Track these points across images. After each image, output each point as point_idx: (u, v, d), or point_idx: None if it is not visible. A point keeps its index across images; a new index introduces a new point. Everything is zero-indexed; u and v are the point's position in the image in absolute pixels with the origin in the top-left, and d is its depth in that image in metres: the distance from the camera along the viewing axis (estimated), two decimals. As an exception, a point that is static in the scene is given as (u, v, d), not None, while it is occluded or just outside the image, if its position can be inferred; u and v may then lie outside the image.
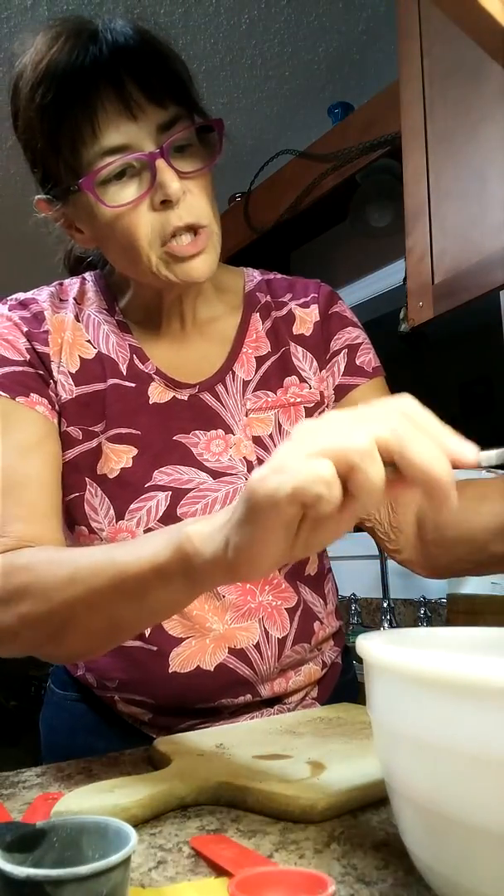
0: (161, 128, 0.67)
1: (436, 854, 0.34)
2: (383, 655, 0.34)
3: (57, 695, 0.85)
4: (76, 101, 0.65)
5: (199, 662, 0.74)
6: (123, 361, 0.78)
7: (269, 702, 0.78)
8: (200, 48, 2.10)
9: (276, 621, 0.77)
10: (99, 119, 0.65)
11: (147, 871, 0.41)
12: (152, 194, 0.67)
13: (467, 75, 1.13)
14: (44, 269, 0.88)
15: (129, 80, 0.65)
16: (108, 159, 0.66)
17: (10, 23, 2.01)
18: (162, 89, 0.67)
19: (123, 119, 0.65)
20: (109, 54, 0.65)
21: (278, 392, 0.80)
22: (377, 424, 0.40)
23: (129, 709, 0.78)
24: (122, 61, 0.65)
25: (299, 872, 0.36)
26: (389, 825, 0.47)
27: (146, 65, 0.66)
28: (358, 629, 2.12)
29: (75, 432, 0.75)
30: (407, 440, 0.39)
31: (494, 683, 0.29)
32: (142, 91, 0.65)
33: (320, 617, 0.82)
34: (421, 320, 1.19)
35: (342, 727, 0.66)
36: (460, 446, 0.41)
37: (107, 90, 0.65)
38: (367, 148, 1.95)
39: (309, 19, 2.00)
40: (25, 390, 0.73)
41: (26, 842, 0.34)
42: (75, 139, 0.66)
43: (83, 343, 0.78)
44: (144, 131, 0.66)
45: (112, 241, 0.71)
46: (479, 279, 1.08)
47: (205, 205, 0.69)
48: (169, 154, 0.66)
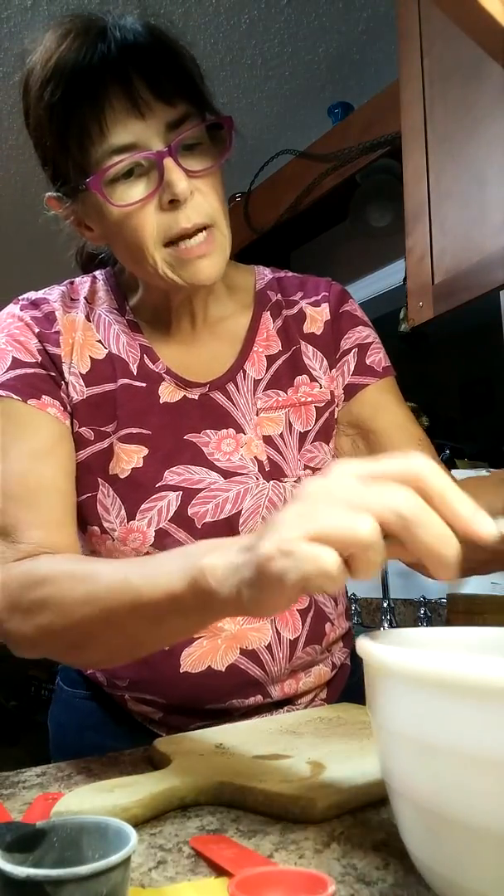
0: (170, 126, 0.66)
1: (436, 854, 0.34)
2: (383, 655, 0.34)
3: (66, 692, 0.85)
4: (84, 99, 0.65)
5: (210, 662, 0.74)
6: (134, 361, 0.77)
7: (279, 703, 0.78)
8: (200, 48, 2.09)
9: (289, 622, 0.77)
10: (107, 117, 0.65)
11: (147, 871, 0.41)
12: (160, 194, 0.66)
13: (467, 75, 1.13)
14: (50, 267, 0.88)
15: (138, 77, 0.64)
16: (115, 158, 0.65)
17: (10, 23, 2.01)
18: (170, 87, 0.66)
19: (132, 117, 0.65)
20: (118, 52, 0.65)
21: (289, 391, 0.80)
22: (384, 503, 0.38)
23: (140, 707, 0.78)
24: (131, 59, 0.65)
25: (299, 872, 0.36)
26: (389, 825, 0.47)
27: (155, 62, 0.66)
28: (358, 629, 2.11)
29: (87, 433, 0.75)
30: (413, 524, 0.38)
31: (494, 683, 0.29)
32: (150, 89, 0.65)
33: (331, 618, 0.82)
34: (421, 320, 1.19)
35: (342, 727, 0.66)
36: (474, 520, 0.38)
37: (115, 88, 0.64)
38: (367, 148, 1.95)
39: (309, 19, 2.00)
40: (37, 392, 0.73)
41: (26, 842, 0.34)
42: (83, 137, 0.66)
43: (94, 343, 0.77)
44: (153, 129, 0.65)
45: (120, 240, 0.70)
46: (479, 279, 1.08)
47: (214, 204, 0.68)
48: (177, 152, 0.65)
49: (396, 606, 2.10)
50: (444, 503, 0.38)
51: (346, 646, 0.87)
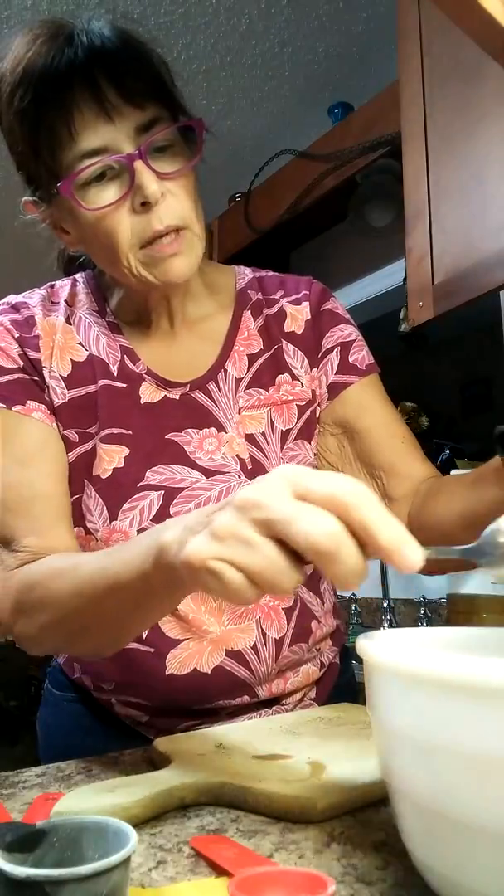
0: (139, 129, 0.66)
1: (436, 854, 0.34)
2: (383, 655, 0.34)
3: (54, 695, 0.85)
4: (52, 103, 0.65)
5: (196, 665, 0.74)
6: (114, 362, 0.78)
7: (267, 703, 0.78)
8: (200, 48, 2.10)
9: (274, 622, 0.77)
10: (75, 122, 0.65)
11: (147, 871, 0.41)
12: (132, 196, 0.66)
13: (467, 75, 1.13)
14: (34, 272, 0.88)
15: (105, 81, 0.64)
16: (86, 162, 0.65)
17: (10, 23, 2.01)
18: (139, 90, 0.66)
19: (101, 121, 0.65)
20: (85, 56, 0.65)
21: (270, 390, 0.81)
22: (304, 532, 0.38)
23: (126, 710, 0.78)
24: (98, 62, 0.65)
25: (299, 872, 0.36)
26: (389, 825, 0.47)
27: (122, 66, 0.66)
28: (358, 629, 2.12)
29: (72, 435, 0.75)
30: (326, 559, 0.38)
31: (494, 683, 0.29)
32: (118, 92, 0.65)
33: (318, 616, 0.81)
34: (421, 320, 1.19)
35: (342, 727, 0.66)
36: (398, 552, 0.38)
37: (83, 92, 0.64)
38: (367, 148, 1.95)
39: (309, 19, 2.00)
40: (22, 398, 0.73)
41: (26, 842, 0.34)
42: (53, 142, 0.66)
43: (74, 346, 0.78)
44: (123, 133, 0.66)
45: (94, 242, 0.71)
46: (479, 279, 1.08)
47: (186, 206, 0.68)
48: (147, 155, 0.66)
49: (396, 606, 2.10)
50: (366, 534, 0.38)
51: (336, 644, 0.87)
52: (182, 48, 2.10)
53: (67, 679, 0.83)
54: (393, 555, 0.38)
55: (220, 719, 0.76)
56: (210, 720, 0.75)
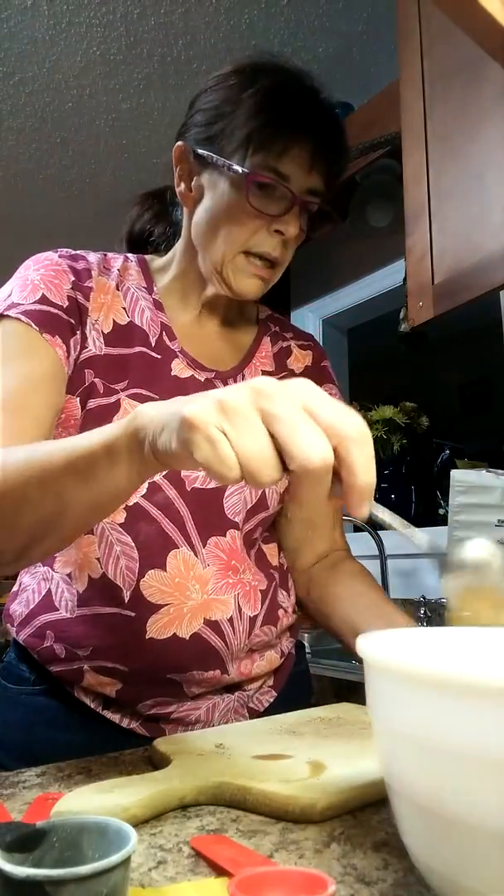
0: (311, 191, 0.80)
1: (436, 854, 0.34)
2: (383, 655, 0.34)
3: (10, 690, 0.84)
4: (294, 115, 0.77)
5: (175, 630, 0.77)
6: (154, 335, 0.84)
7: (230, 688, 0.82)
8: (200, 48, 2.10)
9: (250, 600, 0.82)
10: (292, 149, 0.77)
11: (147, 871, 0.41)
12: (275, 220, 0.78)
13: (467, 75, 1.13)
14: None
15: (327, 148, 0.79)
16: (273, 175, 0.77)
17: (10, 23, 2.01)
18: (334, 170, 0.82)
19: (305, 162, 0.78)
20: (326, 115, 0.80)
21: None
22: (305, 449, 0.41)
23: (98, 679, 0.78)
24: (332, 128, 0.80)
25: (299, 872, 0.36)
26: (389, 825, 0.47)
27: (340, 146, 0.82)
28: (358, 629, 2.11)
29: (100, 385, 0.79)
30: (310, 483, 0.42)
31: (494, 683, 0.29)
32: (326, 160, 0.79)
33: (283, 606, 0.89)
34: (421, 320, 1.19)
35: (342, 727, 0.66)
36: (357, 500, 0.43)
37: (314, 135, 0.78)
38: (367, 148, 1.95)
39: (309, 19, 2.00)
40: (53, 330, 0.76)
41: (26, 842, 0.34)
42: (265, 140, 0.76)
43: (119, 309, 0.84)
44: (304, 179, 0.79)
45: (219, 218, 0.80)
46: (479, 279, 1.08)
47: (290, 254, 0.84)
48: (303, 208, 0.80)
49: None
50: (347, 471, 0.42)
51: (293, 636, 0.94)
52: (182, 48, 2.10)
53: (30, 670, 0.82)
54: (353, 502, 0.43)
55: (185, 698, 0.79)
56: (177, 697, 0.79)
